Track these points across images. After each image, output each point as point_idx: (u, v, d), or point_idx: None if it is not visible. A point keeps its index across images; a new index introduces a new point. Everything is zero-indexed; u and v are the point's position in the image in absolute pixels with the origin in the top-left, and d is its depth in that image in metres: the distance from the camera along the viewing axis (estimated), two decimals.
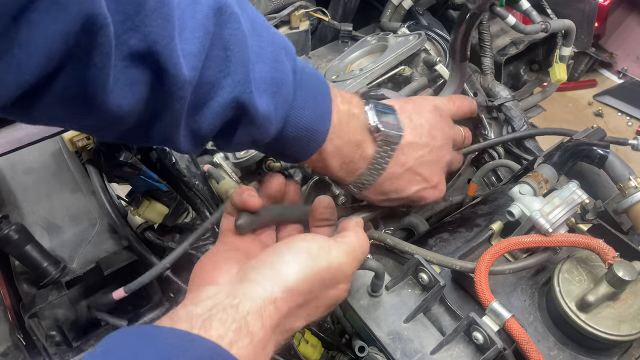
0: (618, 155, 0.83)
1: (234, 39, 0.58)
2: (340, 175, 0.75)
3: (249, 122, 0.63)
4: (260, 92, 0.62)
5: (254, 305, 0.50)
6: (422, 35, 1.13)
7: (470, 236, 0.85)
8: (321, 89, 0.69)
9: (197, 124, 0.60)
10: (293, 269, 0.54)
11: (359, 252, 0.63)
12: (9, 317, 0.90)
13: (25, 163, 1.03)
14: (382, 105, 0.76)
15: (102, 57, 0.46)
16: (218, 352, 0.45)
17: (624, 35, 3.46)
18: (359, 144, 0.73)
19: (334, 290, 0.59)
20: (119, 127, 0.56)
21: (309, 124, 0.67)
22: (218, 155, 1.01)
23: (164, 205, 0.96)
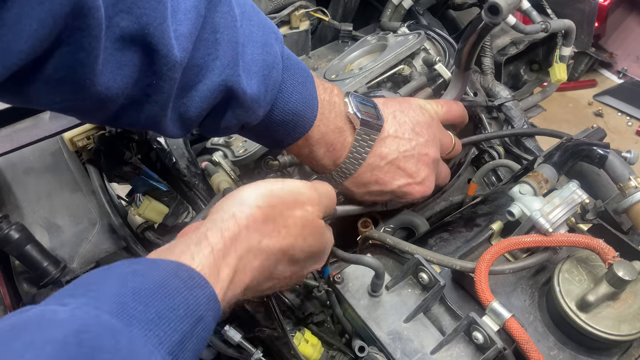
0: (618, 156, 0.83)
1: (224, 22, 0.58)
2: (324, 162, 0.76)
3: (238, 105, 0.64)
4: (251, 74, 0.62)
5: (213, 225, 0.53)
6: (421, 35, 1.13)
7: (470, 236, 0.85)
8: (307, 76, 0.71)
9: (185, 106, 0.61)
10: (250, 190, 0.57)
11: (320, 186, 0.64)
12: None
13: (25, 163, 1.03)
14: (362, 98, 0.77)
15: (91, 40, 0.46)
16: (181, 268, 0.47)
17: (624, 35, 3.46)
18: (341, 131, 0.74)
19: (299, 211, 0.60)
20: (107, 109, 0.57)
21: (296, 109, 0.69)
22: (217, 153, 1.01)
23: (164, 205, 0.96)
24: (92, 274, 0.47)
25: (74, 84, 0.50)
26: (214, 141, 1.05)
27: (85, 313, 0.40)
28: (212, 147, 1.03)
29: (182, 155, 0.98)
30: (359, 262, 0.71)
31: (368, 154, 0.76)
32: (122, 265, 0.48)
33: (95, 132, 0.95)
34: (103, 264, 0.97)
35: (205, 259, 0.50)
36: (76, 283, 0.46)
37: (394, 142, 0.77)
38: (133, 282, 0.44)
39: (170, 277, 0.46)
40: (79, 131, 0.93)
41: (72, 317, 0.39)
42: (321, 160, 0.76)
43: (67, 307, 0.40)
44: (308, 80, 0.71)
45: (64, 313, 0.39)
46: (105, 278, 0.45)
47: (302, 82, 0.70)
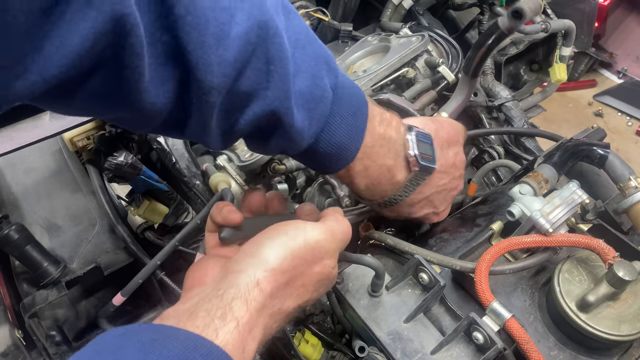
0: (618, 155, 0.83)
1: (279, 54, 0.57)
2: (364, 194, 0.75)
3: (282, 135, 0.63)
4: (298, 106, 0.61)
5: (237, 292, 0.51)
6: (425, 37, 1.13)
7: (470, 236, 0.85)
8: (359, 107, 0.68)
9: (230, 126, 0.60)
10: (272, 250, 0.56)
11: (339, 231, 0.63)
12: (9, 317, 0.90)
13: (25, 163, 1.03)
14: (422, 135, 0.74)
15: (134, 58, 0.46)
16: (201, 343, 0.46)
17: (624, 35, 3.46)
18: (390, 169, 0.72)
19: (318, 266, 0.60)
20: (153, 121, 0.57)
21: (340, 142, 0.67)
22: (221, 157, 1.00)
23: (164, 205, 0.96)
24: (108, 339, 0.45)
25: (119, 99, 0.50)
26: None
27: None
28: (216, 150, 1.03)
29: (182, 155, 0.98)
30: (360, 262, 0.71)
31: (413, 192, 0.75)
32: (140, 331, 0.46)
33: (95, 132, 0.95)
34: (103, 264, 0.97)
35: (230, 334, 0.48)
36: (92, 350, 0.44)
37: (436, 177, 0.77)
38: (153, 354, 0.43)
39: (190, 351, 0.44)
40: (79, 131, 0.93)
41: None
42: (362, 192, 0.74)
43: None
44: (359, 111, 0.68)
45: None
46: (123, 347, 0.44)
47: (352, 114, 0.67)
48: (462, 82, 1.03)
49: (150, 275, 0.88)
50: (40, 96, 0.44)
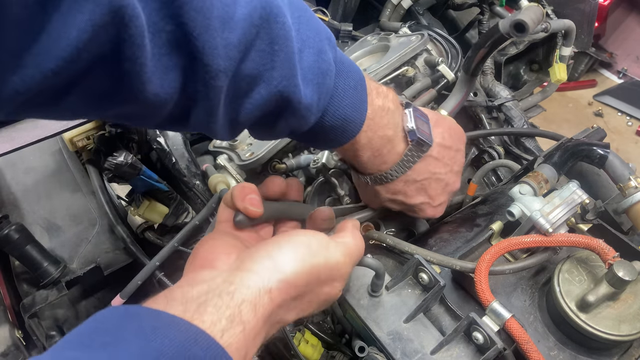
0: (618, 155, 0.83)
1: (282, 33, 0.57)
2: (367, 166, 0.76)
3: (291, 114, 0.63)
4: (307, 82, 0.62)
5: (249, 294, 0.51)
6: (424, 36, 1.13)
7: (470, 236, 0.85)
8: (359, 79, 0.69)
9: (236, 112, 0.60)
10: (291, 261, 0.55)
11: (356, 254, 0.64)
12: (9, 317, 0.90)
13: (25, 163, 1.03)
14: (419, 112, 0.76)
15: (135, 49, 0.46)
16: (203, 338, 0.46)
17: (624, 35, 3.46)
18: (390, 139, 0.74)
19: (328, 287, 0.60)
20: (157, 114, 0.57)
21: (346, 114, 0.68)
22: (222, 157, 1.00)
23: (164, 205, 0.96)
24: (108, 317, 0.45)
25: (121, 94, 0.50)
26: (217, 144, 1.04)
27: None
28: (216, 150, 1.03)
29: (182, 156, 0.98)
30: (359, 262, 0.71)
31: (410, 168, 0.76)
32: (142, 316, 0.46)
33: (95, 132, 0.95)
34: (103, 264, 0.97)
35: (235, 337, 0.48)
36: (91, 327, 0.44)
37: (433, 162, 0.78)
38: (154, 342, 0.43)
39: (190, 343, 0.44)
40: (79, 131, 0.93)
41: None
42: (364, 164, 0.76)
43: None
44: (359, 84, 0.69)
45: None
46: (123, 330, 0.44)
47: (353, 87, 0.68)
48: (462, 80, 1.03)
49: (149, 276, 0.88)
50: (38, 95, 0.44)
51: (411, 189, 0.79)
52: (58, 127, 0.82)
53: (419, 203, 0.81)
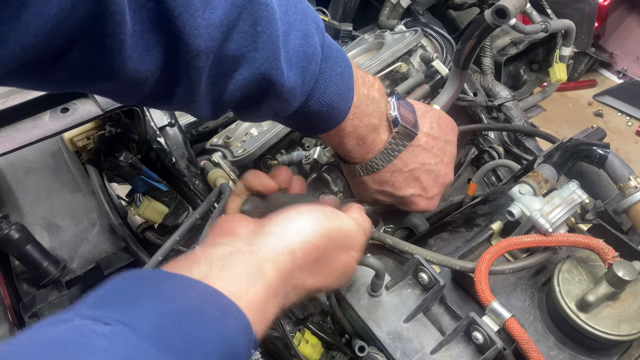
0: (618, 155, 0.83)
1: (265, 15, 0.57)
2: (352, 154, 0.76)
3: (274, 96, 0.63)
4: (291, 65, 0.62)
5: (271, 253, 0.53)
6: (418, 32, 1.13)
7: (470, 236, 0.85)
8: (346, 66, 0.70)
9: (219, 92, 0.61)
10: (311, 223, 0.57)
11: (367, 228, 0.66)
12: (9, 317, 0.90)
13: (25, 163, 1.03)
14: (404, 101, 0.77)
15: (115, 26, 0.46)
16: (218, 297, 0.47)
17: (624, 35, 3.45)
18: (375, 128, 0.74)
19: (345, 256, 0.62)
20: (139, 91, 0.57)
21: (331, 100, 0.68)
22: (216, 154, 1.01)
23: (164, 205, 0.96)
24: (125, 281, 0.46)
25: (102, 69, 0.50)
26: (213, 142, 1.04)
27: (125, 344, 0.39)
28: (211, 148, 1.03)
29: (182, 155, 0.98)
30: (360, 261, 0.71)
31: (396, 157, 0.76)
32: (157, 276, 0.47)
33: (95, 132, 0.95)
34: (103, 264, 0.97)
35: (258, 295, 0.49)
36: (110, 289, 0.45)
37: (421, 152, 0.78)
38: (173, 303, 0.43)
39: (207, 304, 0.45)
40: (79, 131, 0.93)
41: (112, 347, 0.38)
42: (350, 152, 0.76)
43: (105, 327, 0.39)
44: (346, 71, 0.70)
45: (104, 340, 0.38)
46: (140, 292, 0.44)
47: (339, 73, 0.68)
48: (453, 74, 1.03)
49: None
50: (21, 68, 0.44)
51: (399, 180, 0.78)
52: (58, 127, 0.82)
53: (410, 195, 0.80)
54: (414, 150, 0.77)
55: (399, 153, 0.76)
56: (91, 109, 0.84)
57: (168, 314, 0.43)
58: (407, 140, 0.76)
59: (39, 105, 0.81)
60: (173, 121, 0.98)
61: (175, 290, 0.45)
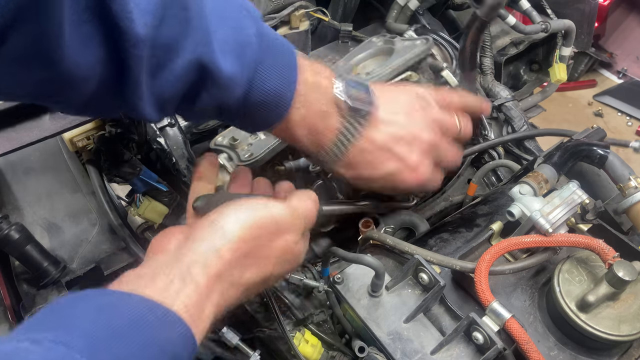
0: (618, 156, 0.83)
1: None
2: (307, 145, 0.75)
3: (213, 84, 0.63)
4: (225, 53, 0.62)
5: (197, 257, 0.54)
6: (429, 40, 1.13)
7: (470, 236, 0.85)
8: (287, 54, 0.70)
9: (160, 88, 0.61)
10: (234, 221, 0.58)
11: (301, 209, 0.66)
12: (9, 317, 0.90)
13: (25, 163, 1.03)
14: (355, 81, 0.75)
15: (55, 11, 0.47)
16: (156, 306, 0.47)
17: (624, 35, 3.46)
18: (324, 115, 0.72)
19: (280, 241, 0.62)
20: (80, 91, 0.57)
21: (274, 88, 0.67)
22: (222, 155, 1.00)
23: (164, 206, 0.97)
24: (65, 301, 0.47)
25: (41, 59, 0.50)
26: (218, 141, 1.04)
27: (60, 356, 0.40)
28: (216, 148, 1.03)
29: (182, 156, 0.98)
30: (359, 261, 0.71)
31: (356, 139, 0.74)
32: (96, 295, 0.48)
33: (95, 132, 0.95)
34: (103, 264, 0.97)
35: (189, 298, 0.51)
36: (49, 311, 0.46)
37: (385, 126, 0.76)
38: (109, 315, 0.45)
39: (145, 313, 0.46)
40: (79, 131, 0.93)
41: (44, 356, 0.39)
42: (304, 143, 0.75)
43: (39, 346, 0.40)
44: (288, 59, 0.69)
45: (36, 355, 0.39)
46: (78, 309, 0.45)
47: (280, 61, 0.68)
48: (461, 78, 1.03)
49: None
50: None
51: (370, 159, 0.76)
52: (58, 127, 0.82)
53: (390, 171, 0.77)
54: (376, 125, 0.75)
55: (358, 134, 0.74)
56: None
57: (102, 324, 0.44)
58: (363, 119, 0.74)
59: (39, 105, 0.81)
60: (173, 121, 0.98)
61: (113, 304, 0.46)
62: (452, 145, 0.84)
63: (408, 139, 0.77)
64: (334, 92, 0.72)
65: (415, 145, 0.78)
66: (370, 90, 0.76)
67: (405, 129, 0.77)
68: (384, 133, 0.76)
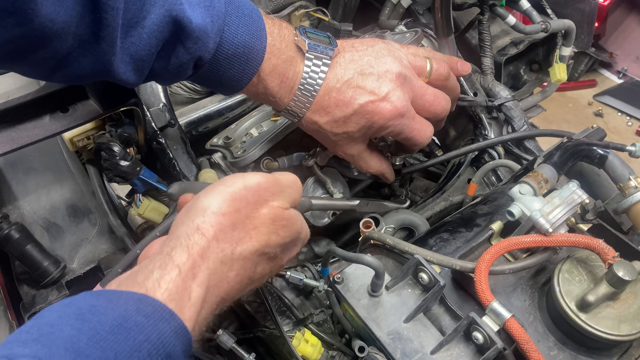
0: (618, 155, 0.83)
1: None
2: (280, 95, 0.77)
3: (187, 37, 0.65)
4: (193, 5, 0.65)
5: (177, 242, 0.51)
6: (418, 32, 1.13)
7: (470, 236, 0.85)
8: (253, 9, 0.73)
9: (135, 46, 0.62)
10: (210, 198, 0.55)
11: (283, 178, 0.63)
12: (9, 317, 0.90)
13: (25, 163, 1.03)
14: (312, 30, 0.79)
15: None
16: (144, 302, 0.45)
17: (624, 35, 3.46)
18: (292, 60, 0.76)
19: (265, 208, 0.58)
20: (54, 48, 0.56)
21: (245, 41, 0.70)
22: (216, 155, 1.01)
23: (164, 205, 0.96)
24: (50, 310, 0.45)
25: (15, 13, 0.50)
26: (213, 142, 1.05)
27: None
28: (212, 149, 1.03)
29: (182, 156, 0.98)
30: (359, 261, 0.71)
31: (322, 78, 0.76)
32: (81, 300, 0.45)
33: (95, 132, 0.95)
34: (103, 264, 0.97)
35: (172, 283, 0.47)
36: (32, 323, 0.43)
37: (350, 64, 0.78)
38: (90, 322, 0.42)
39: (131, 313, 0.43)
40: (79, 131, 0.93)
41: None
42: (277, 93, 0.77)
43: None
44: (254, 13, 0.73)
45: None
46: (61, 318, 0.43)
47: (248, 15, 0.72)
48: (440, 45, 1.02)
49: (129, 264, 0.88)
50: None
51: (341, 96, 0.77)
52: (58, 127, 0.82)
53: (363, 104, 0.77)
54: (340, 64, 0.77)
55: (324, 73, 0.76)
56: (91, 109, 0.84)
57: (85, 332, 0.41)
58: (325, 58, 0.76)
59: (39, 105, 0.81)
60: (173, 121, 0.99)
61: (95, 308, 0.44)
62: (429, 87, 0.84)
63: (375, 72, 0.78)
64: (294, 39, 0.76)
65: (383, 77, 0.78)
66: (331, 36, 0.79)
67: (372, 66, 0.78)
68: (351, 70, 0.77)
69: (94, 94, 0.84)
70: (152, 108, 0.98)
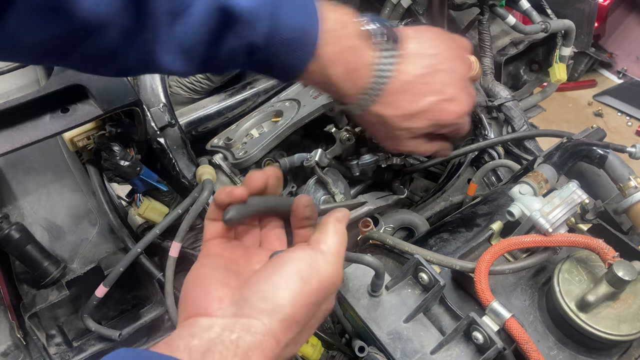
0: (618, 156, 0.83)
1: None
2: (345, 87, 0.72)
3: (236, 22, 0.62)
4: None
5: (254, 341, 0.50)
6: None
7: (470, 236, 0.85)
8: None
9: (182, 34, 0.60)
10: (287, 297, 0.53)
11: (342, 252, 0.61)
12: (9, 317, 0.90)
13: (25, 163, 1.03)
14: (379, 17, 0.74)
15: None
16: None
17: (624, 35, 3.46)
18: (356, 50, 0.71)
19: (326, 304, 0.59)
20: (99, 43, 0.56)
21: (299, 24, 0.66)
22: (217, 156, 1.01)
23: (164, 205, 0.97)
24: None
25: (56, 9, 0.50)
26: (214, 143, 1.05)
27: None
28: (212, 149, 1.03)
29: (182, 155, 0.98)
30: (359, 261, 0.71)
31: (392, 71, 0.72)
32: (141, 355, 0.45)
33: (96, 132, 0.95)
34: (103, 264, 0.97)
35: None
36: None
37: (418, 58, 0.74)
38: None
39: None
40: (79, 131, 0.93)
41: None
42: (342, 84, 0.72)
43: None
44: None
45: None
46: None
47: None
48: None
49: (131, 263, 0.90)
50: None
51: (413, 92, 0.74)
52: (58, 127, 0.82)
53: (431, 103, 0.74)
54: (409, 58, 0.73)
55: (394, 65, 0.72)
56: (91, 109, 0.84)
57: None
58: (395, 49, 0.72)
59: (39, 105, 0.81)
60: (173, 121, 0.99)
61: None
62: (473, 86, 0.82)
63: (443, 70, 0.75)
64: (362, 27, 0.71)
65: (450, 77, 0.76)
66: (393, 25, 0.74)
67: (439, 60, 0.75)
68: (421, 65, 0.74)
69: (93, 94, 0.84)
70: (152, 108, 0.98)
